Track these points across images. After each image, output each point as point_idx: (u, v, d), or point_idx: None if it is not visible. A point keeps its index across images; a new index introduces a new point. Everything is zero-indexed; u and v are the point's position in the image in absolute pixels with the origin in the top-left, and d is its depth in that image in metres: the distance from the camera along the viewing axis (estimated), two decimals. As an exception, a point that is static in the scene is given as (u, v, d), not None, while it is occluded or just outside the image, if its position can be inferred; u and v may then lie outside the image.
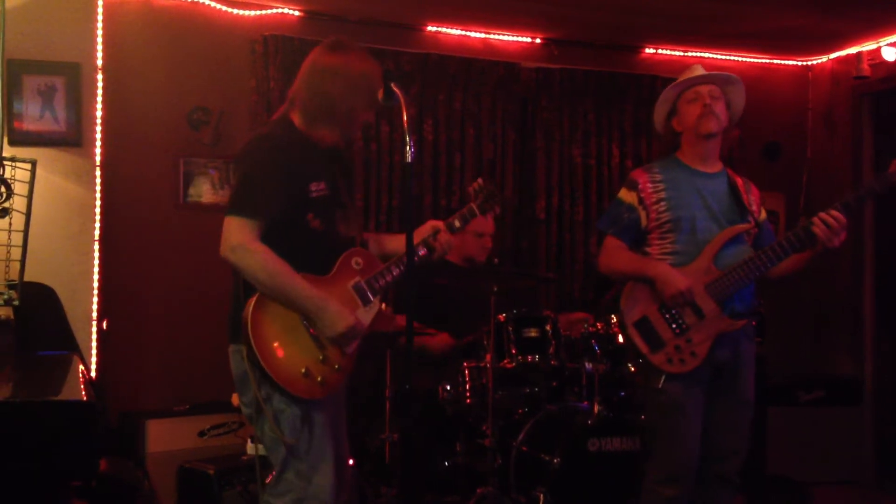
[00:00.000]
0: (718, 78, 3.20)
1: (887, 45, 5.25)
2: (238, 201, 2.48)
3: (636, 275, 3.14)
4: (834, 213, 2.96)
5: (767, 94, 5.75)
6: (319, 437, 2.52)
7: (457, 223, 2.79)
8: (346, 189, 2.70)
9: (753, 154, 5.73)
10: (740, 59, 5.75)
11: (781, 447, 5.07)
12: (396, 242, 2.83)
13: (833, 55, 5.80)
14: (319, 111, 2.55)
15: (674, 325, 3.07)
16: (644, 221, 3.17)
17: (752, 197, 3.23)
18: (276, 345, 2.46)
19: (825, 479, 5.05)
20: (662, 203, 3.14)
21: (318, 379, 2.50)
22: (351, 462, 2.84)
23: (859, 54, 5.48)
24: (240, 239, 2.43)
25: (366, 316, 2.62)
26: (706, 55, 5.65)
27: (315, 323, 2.50)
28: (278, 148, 2.53)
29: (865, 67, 5.42)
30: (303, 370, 2.48)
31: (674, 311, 3.06)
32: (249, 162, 2.54)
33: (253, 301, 2.46)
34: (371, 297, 2.62)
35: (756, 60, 5.82)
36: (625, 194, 3.23)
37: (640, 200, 3.17)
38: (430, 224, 2.76)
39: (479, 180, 2.93)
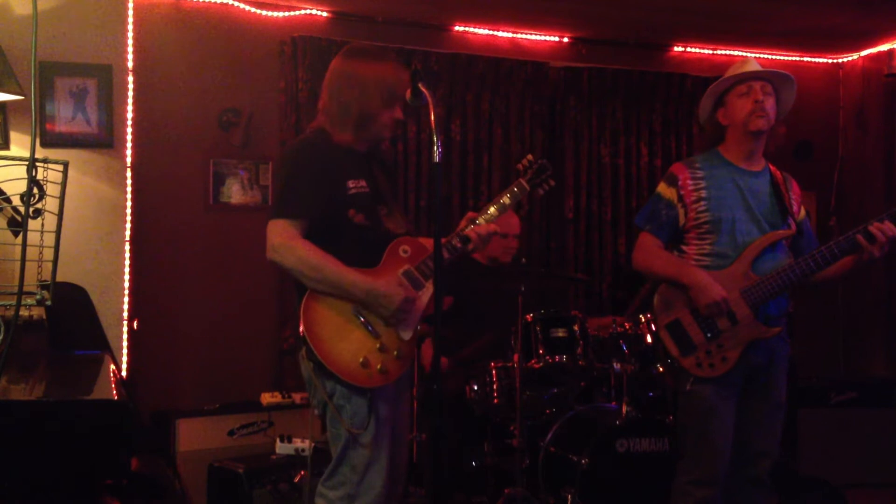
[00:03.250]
0: (774, 75, 3.10)
1: (920, 42, 5.19)
2: (277, 204, 2.57)
3: (671, 279, 3.09)
4: (888, 225, 2.87)
5: (798, 93, 5.56)
6: (377, 434, 2.53)
7: (493, 210, 2.70)
8: (388, 189, 2.74)
9: (785, 153, 5.67)
10: (770, 56, 5.69)
11: (814, 449, 5.01)
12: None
13: (864, 52, 5.73)
14: (338, 117, 2.62)
15: (706, 330, 3.02)
16: (682, 220, 3.09)
17: (792, 195, 3.14)
18: (331, 339, 2.50)
19: (858, 481, 4.97)
20: (702, 202, 3.06)
21: (378, 367, 2.52)
22: None
23: (891, 51, 5.42)
24: (280, 238, 2.49)
25: (419, 300, 2.61)
26: (736, 53, 5.60)
27: (368, 306, 2.52)
28: (312, 151, 2.60)
29: (897, 65, 5.36)
30: (361, 360, 2.50)
31: (707, 317, 3.02)
32: (286, 167, 2.64)
33: (304, 301, 2.51)
34: (423, 281, 2.62)
35: (786, 58, 5.76)
36: (664, 189, 3.14)
37: (680, 198, 3.09)
38: (467, 217, 2.76)
39: (530, 156, 2.80)
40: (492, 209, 2.71)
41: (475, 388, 3.96)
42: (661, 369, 3.97)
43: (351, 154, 2.63)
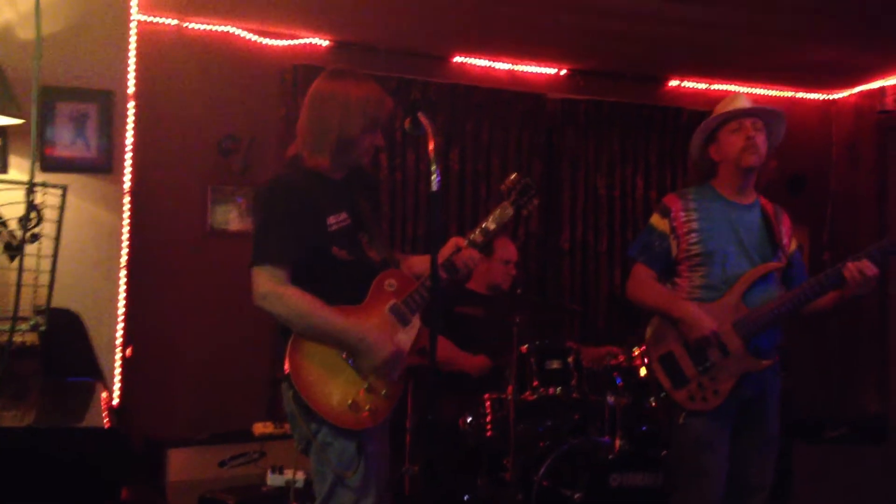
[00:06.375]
0: (764, 112, 3.14)
1: (913, 79, 5.25)
2: (259, 252, 2.49)
3: (662, 312, 3.11)
4: (866, 264, 2.89)
5: (791, 128, 5.60)
6: (365, 472, 2.50)
7: (478, 236, 2.68)
8: (369, 213, 2.68)
9: (777, 187, 5.70)
10: (764, 92, 5.75)
11: (807, 483, 5.00)
12: (423, 264, 2.77)
13: (856, 89, 5.79)
14: (315, 139, 2.56)
15: (698, 363, 3.04)
16: (675, 251, 3.12)
17: (783, 227, 3.17)
18: (318, 383, 2.46)
19: (851, 517, 4.96)
20: (694, 234, 3.09)
21: (367, 408, 2.49)
22: None
23: (883, 89, 5.47)
24: (268, 287, 2.44)
25: (406, 336, 2.59)
26: (730, 87, 5.66)
27: (355, 357, 2.50)
28: (289, 191, 2.52)
29: (889, 101, 5.42)
30: (349, 403, 2.47)
31: (699, 349, 3.03)
32: (263, 210, 2.54)
33: (290, 343, 2.47)
34: (410, 316, 2.60)
35: (780, 94, 5.82)
36: (657, 221, 3.17)
37: (673, 229, 3.12)
38: (453, 241, 2.71)
39: (514, 175, 2.77)
40: (477, 235, 2.69)
41: (469, 419, 3.95)
42: (654, 403, 3.96)
43: (328, 185, 2.57)
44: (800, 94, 5.92)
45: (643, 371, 3.95)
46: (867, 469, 5.10)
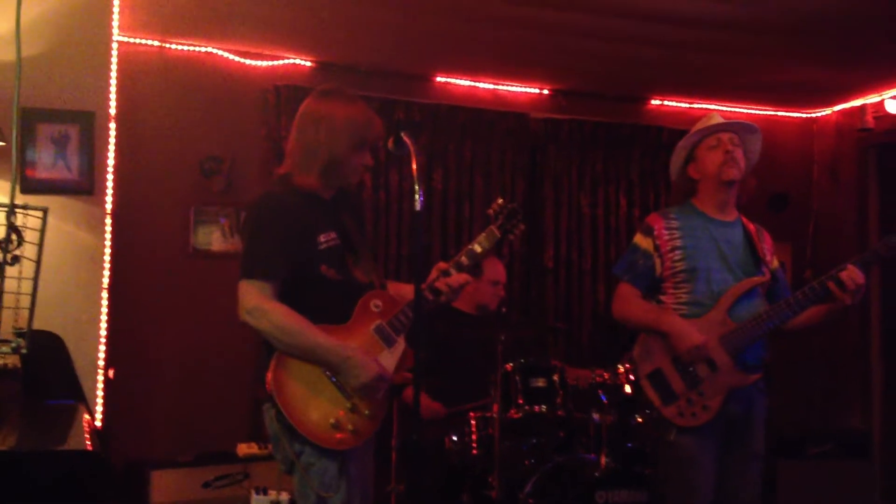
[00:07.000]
0: (740, 126, 3.19)
1: (891, 97, 5.30)
2: (248, 266, 2.49)
3: (649, 327, 3.12)
4: (854, 270, 2.91)
5: (773, 146, 5.78)
6: (347, 493, 2.48)
7: (464, 260, 2.68)
8: (356, 234, 2.69)
9: (759, 205, 5.75)
10: (745, 110, 5.81)
11: (791, 500, 5.00)
12: (409, 290, 2.75)
13: (837, 107, 5.85)
14: (304, 158, 2.57)
15: (686, 378, 3.04)
16: (659, 269, 3.14)
17: (765, 245, 3.20)
18: (301, 401, 2.45)
19: (836, 533, 4.97)
20: (678, 251, 3.11)
21: (350, 428, 2.48)
22: None
23: (863, 107, 5.53)
24: (254, 302, 2.44)
25: (391, 358, 2.58)
26: (712, 107, 5.70)
27: (339, 376, 2.49)
28: (280, 206, 2.52)
29: (870, 120, 5.47)
30: (332, 422, 2.46)
31: (687, 364, 3.04)
32: (254, 225, 2.55)
33: (273, 361, 2.46)
34: (394, 336, 2.59)
35: (761, 112, 5.87)
36: (640, 240, 3.19)
37: (656, 248, 3.14)
38: (438, 267, 2.70)
39: (500, 199, 2.79)
40: (463, 258, 2.69)
41: (454, 438, 3.94)
42: (640, 420, 3.98)
43: (318, 204, 2.58)
44: (781, 113, 5.98)
45: (628, 388, 3.96)
46: (851, 485, 5.12)
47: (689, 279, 3.09)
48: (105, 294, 3.90)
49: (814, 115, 6.02)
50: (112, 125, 3.96)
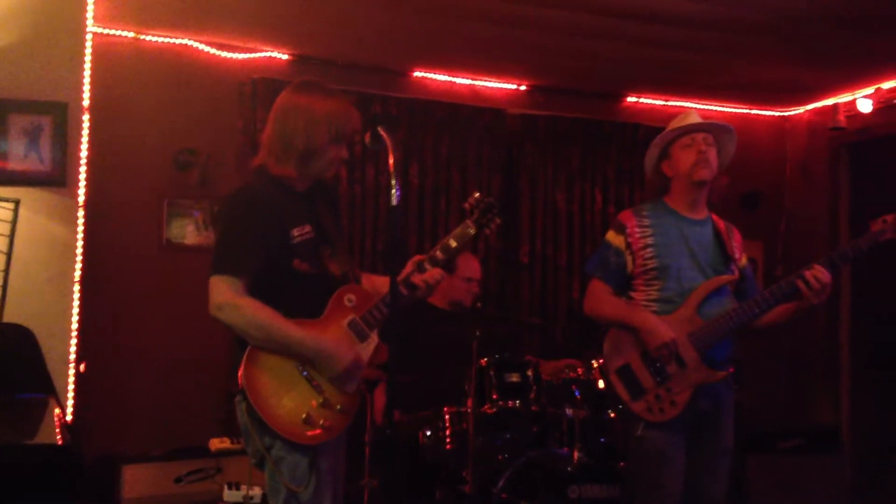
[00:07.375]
0: (715, 127, 3.22)
1: (863, 97, 5.36)
2: (219, 261, 2.48)
3: (620, 322, 3.15)
4: (819, 269, 2.96)
5: (746, 144, 5.73)
6: (319, 486, 2.48)
7: (439, 254, 2.69)
8: (332, 226, 2.68)
9: (732, 203, 5.80)
10: (719, 108, 5.85)
11: (761, 495, 5.06)
12: (384, 283, 2.75)
13: (810, 106, 5.91)
14: (281, 150, 2.56)
15: (655, 374, 3.08)
16: (630, 266, 3.17)
17: (734, 243, 3.25)
18: (273, 396, 2.45)
19: (805, 527, 5.03)
20: (649, 249, 3.15)
21: (321, 422, 2.48)
22: None
23: (835, 106, 5.59)
24: (225, 297, 2.43)
25: (364, 352, 2.59)
26: (686, 104, 5.74)
27: (315, 365, 2.49)
28: (254, 201, 2.52)
29: (841, 119, 5.53)
30: (303, 416, 2.46)
31: (656, 360, 3.07)
32: (226, 220, 2.54)
33: (245, 356, 2.46)
34: (368, 331, 2.60)
35: (734, 110, 5.92)
36: (612, 237, 3.23)
37: (628, 245, 3.17)
38: (413, 261, 2.71)
39: (476, 193, 2.78)
40: (438, 253, 2.69)
41: (428, 433, 3.95)
42: (612, 415, 4.01)
43: (293, 196, 2.57)
44: (754, 111, 6.03)
45: (601, 383, 3.99)
46: (820, 479, 5.18)
47: (660, 276, 3.13)
48: (77, 287, 3.87)
49: (786, 114, 6.09)
50: (85, 117, 3.93)
